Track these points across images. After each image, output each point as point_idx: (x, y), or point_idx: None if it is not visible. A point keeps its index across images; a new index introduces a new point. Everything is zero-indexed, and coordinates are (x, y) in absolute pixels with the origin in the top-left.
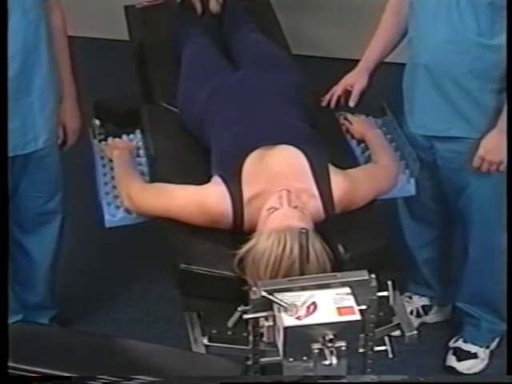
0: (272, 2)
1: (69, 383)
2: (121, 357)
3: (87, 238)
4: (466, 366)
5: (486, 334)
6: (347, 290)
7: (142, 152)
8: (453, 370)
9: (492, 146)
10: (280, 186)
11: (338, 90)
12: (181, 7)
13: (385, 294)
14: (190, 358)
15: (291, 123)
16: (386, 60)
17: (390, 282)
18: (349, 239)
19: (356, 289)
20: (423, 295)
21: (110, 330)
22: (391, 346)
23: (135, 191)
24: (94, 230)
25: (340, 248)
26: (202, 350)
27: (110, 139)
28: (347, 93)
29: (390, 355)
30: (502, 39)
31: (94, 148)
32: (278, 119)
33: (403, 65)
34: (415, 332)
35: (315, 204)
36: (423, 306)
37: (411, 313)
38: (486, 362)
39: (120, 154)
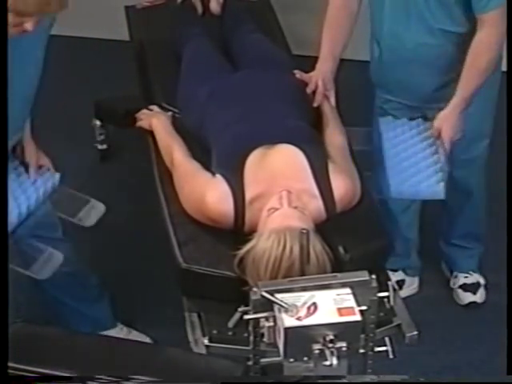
0: (272, 2)
1: (69, 383)
2: (121, 357)
3: (87, 238)
4: (469, 299)
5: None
6: (348, 290)
7: None
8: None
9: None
10: (281, 186)
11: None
12: (181, 7)
13: (385, 294)
14: (190, 358)
15: (291, 123)
16: None
17: (390, 283)
18: (349, 240)
19: (356, 289)
20: (396, 270)
21: None
22: (392, 346)
23: (177, 163)
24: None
25: (340, 249)
26: (203, 351)
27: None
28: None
29: (391, 356)
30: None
31: None
32: (278, 119)
33: None
34: (415, 332)
35: (316, 204)
36: (397, 281)
37: None
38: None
39: (159, 121)
